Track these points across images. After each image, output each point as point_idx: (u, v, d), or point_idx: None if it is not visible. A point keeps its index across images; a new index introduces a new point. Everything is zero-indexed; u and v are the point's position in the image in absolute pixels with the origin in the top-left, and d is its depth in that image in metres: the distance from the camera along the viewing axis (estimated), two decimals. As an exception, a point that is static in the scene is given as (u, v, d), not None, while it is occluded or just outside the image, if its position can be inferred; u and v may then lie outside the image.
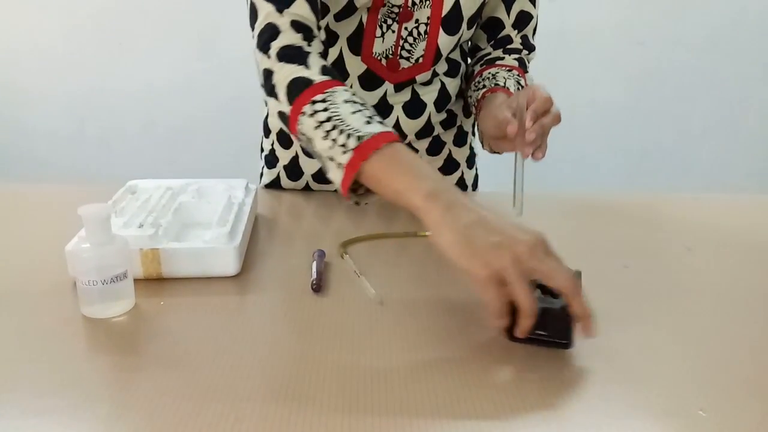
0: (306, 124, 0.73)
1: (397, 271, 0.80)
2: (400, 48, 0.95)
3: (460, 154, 1.12)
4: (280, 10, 0.79)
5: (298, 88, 0.74)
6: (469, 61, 1.09)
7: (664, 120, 2.57)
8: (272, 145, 1.11)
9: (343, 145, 0.68)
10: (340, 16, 0.92)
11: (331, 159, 0.70)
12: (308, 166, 1.08)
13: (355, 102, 0.72)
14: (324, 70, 0.76)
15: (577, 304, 0.58)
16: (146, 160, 2.54)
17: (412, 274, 0.79)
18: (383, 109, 1.00)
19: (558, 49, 2.38)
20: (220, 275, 0.76)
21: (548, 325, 0.61)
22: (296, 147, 1.07)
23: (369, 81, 0.98)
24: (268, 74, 0.78)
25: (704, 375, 0.59)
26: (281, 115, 0.77)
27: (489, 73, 0.99)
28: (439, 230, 0.60)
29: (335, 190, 1.02)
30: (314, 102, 0.72)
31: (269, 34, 0.79)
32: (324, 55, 0.81)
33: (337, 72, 0.78)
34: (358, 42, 0.95)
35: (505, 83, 0.96)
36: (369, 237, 0.89)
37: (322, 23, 0.93)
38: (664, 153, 2.61)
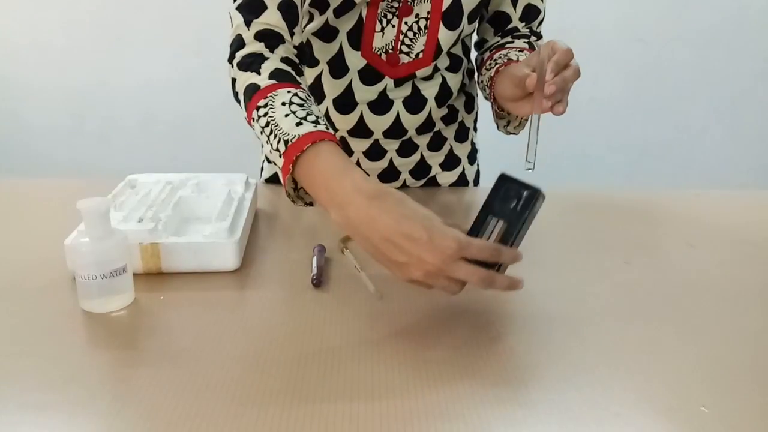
0: (255, 129, 0.75)
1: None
2: (400, 43, 0.95)
3: (462, 150, 1.12)
4: (248, 22, 0.81)
5: (249, 95, 0.76)
6: (475, 54, 1.08)
7: (664, 116, 2.56)
8: None
9: (278, 150, 0.69)
10: (339, 11, 0.92)
11: (275, 163, 0.71)
12: None
13: (292, 103, 0.72)
14: (272, 74, 0.76)
15: (498, 287, 0.62)
16: (145, 156, 2.53)
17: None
18: (383, 104, 1.00)
19: (558, 46, 2.37)
20: (220, 270, 0.76)
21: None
22: None
23: (369, 76, 0.97)
24: (233, 83, 0.80)
25: (706, 371, 0.59)
26: (246, 121, 0.78)
27: (500, 54, 0.96)
28: (356, 241, 0.64)
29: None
30: (258, 108, 0.73)
31: (236, 45, 0.82)
32: (289, 59, 0.81)
33: (293, 72, 0.78)
34: (357, 37, 0.95)
35: (518, 59, 0.91)
36: (369, 232, 0.89)
37: (320, 20, 0.93)
38: (663, 149, 2.60)
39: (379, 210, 0.61)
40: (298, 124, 0.69)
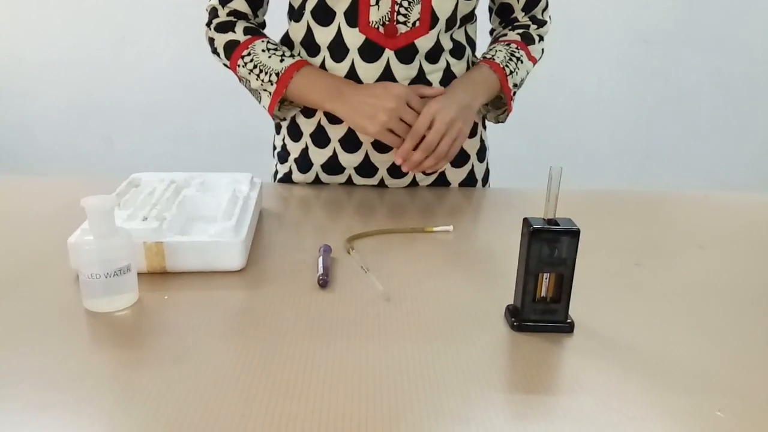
0: (241, 71, 1.03)
1: (403, 266, 0.78)
2: (396, 13, 0.97)
3: (470, 146, 1.10)
4: (222, 2, 1.05)
5: (231, 48, 1.03)
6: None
7: (669, 118, 2.55)
8: (283, 140, 1.11)
9: (269, 81, 1.00)
10: None
11: (264, 90, 1.01)
12: (317, 157, 1.07)
13: (269, 49, 1.01)
14: (246, 31, 1.03)
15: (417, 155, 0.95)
16: (148, 155, 2.53)
17: (419, 269, 0.78)
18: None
19: (564, 47, 2.36)
20: (224, 270, 0.75)
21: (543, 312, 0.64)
22: (306, 139, 1.08)
23: (369, 51, 0.98)
24: (211, 41, 1.07)
25: (720, 375, 0.58)
26: (225, 66, 1.07)
27: (487, 48, 1.11)
28: (346, 118, 0.98)
29: (343, 183, 1.09)
30: (243, 56, 1.02)
31: (212, 15, 1.07)
32: (254, 27, 1.06)
33: (260, 30, 1.06)
34: (354, 13, 0.97)
35: (493, 56, 1.06)
36: (376, 232, 0.88)
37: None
38: (668, 151, 2.59)
39: (355, 89, 0.96)
40: (281, 60, 1.00)
